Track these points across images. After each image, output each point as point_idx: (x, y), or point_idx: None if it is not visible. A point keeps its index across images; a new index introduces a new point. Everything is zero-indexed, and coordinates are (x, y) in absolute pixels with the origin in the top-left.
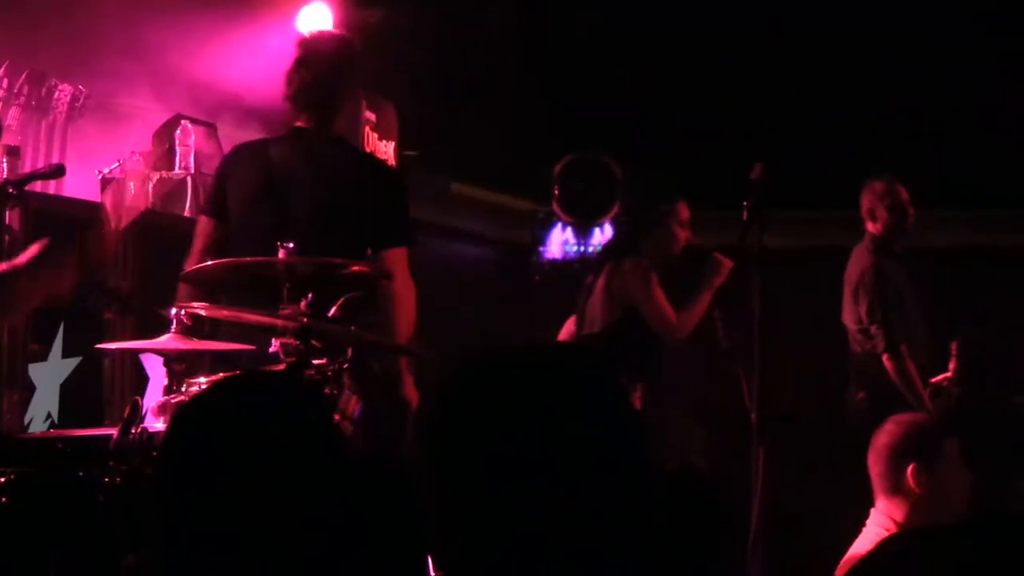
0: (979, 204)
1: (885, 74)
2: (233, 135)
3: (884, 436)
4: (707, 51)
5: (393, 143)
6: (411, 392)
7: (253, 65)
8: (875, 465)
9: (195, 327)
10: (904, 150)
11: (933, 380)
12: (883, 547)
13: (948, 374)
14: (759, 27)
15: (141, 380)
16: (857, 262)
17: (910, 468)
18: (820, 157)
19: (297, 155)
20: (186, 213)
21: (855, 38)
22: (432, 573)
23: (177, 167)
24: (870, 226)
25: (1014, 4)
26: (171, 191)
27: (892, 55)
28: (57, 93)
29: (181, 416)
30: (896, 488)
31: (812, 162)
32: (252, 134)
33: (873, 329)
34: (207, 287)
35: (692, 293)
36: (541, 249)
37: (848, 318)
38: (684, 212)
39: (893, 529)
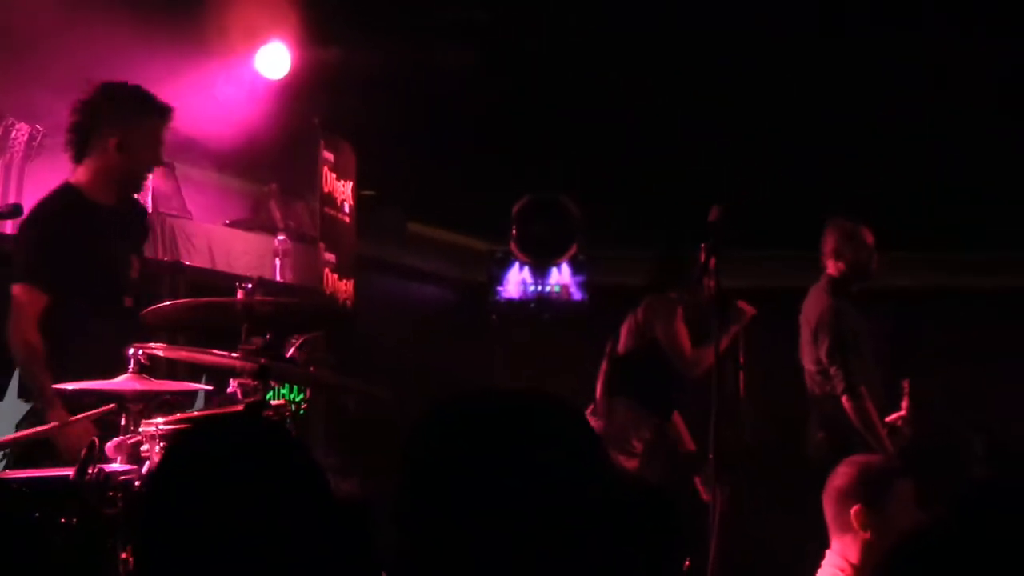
0: (931, 247)
1: (840, 119)
2: (190, 174)
3: (836, 478)
4: (665, 94)
5: (351, 183)
6: None
7: (212, 105)
8: (828, 506)
9: (151, 368)
10: (856, 193)
11: (887, 419)
12: None
13: (901, 413)
14: (717, 71)
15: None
16: (815, 303)
17: (854, 510)
18: (776, 199)
19: None
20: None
21: (813, 82)
22: None
23: None
24: (830, 266)
25: (968, 55)
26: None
27: (849, 100)
28: (14, 132)
29: (166, 461)
30: (847, 528)
31: (769, 204)
32: (209, 174)
33: (832, 370)
34: (166, 328)
35: (712, 335)
36: (498, 288)
37: (806, 359)
38: (713, 262)
39: (847, 569)
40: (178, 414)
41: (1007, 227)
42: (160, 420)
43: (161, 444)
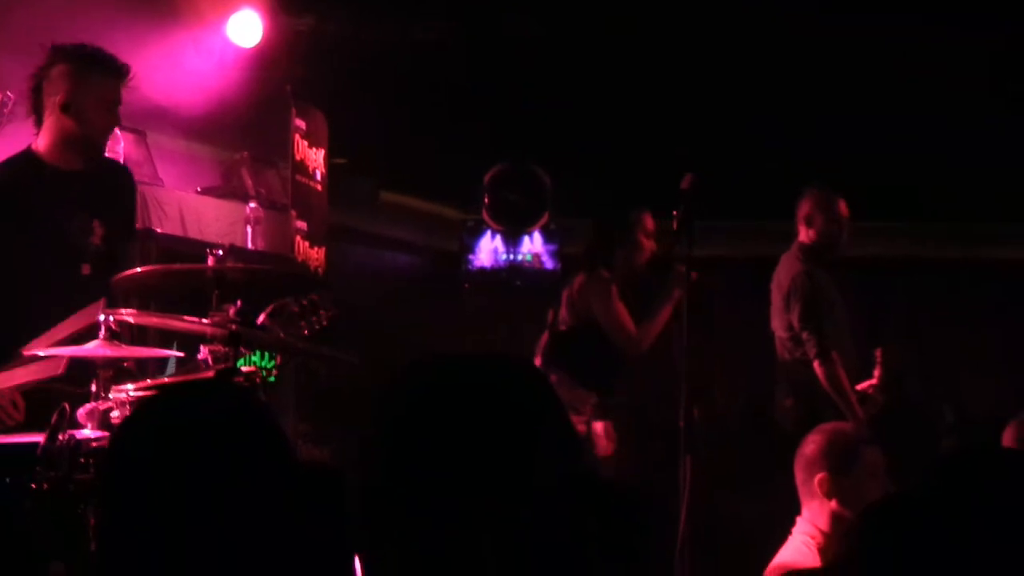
0: (903, 216)
1: (812, 88)
2: (161, 142)
3: (805, 445)
4: (639, 61)
5: (323, 151)
6: None
7: (183, 73)
8: (798, 474)
9: (122, 334)
10: (831, 162)
11: (858, 387)
12: None
13: (873, 381)
14: (692, 38)
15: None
16: (787, 269)
17: (819, 477)
18: (750, 169)
19: None
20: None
21: (789, 52)
22: None
23: None
24: (803, 233)
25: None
26: None
27: (822, 70)
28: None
29: (127, 425)
30: (815, 496)
31: (742, 173)
32: (181, 141)
33: (805, 335)
34: (137, 294)
35: (652, 305)
36: (470, 257)
37: (777, 324)
38: (650, 223)
39: (818, 536)
40: (148, 380)
41: (978, 198)
42: (131, 386)
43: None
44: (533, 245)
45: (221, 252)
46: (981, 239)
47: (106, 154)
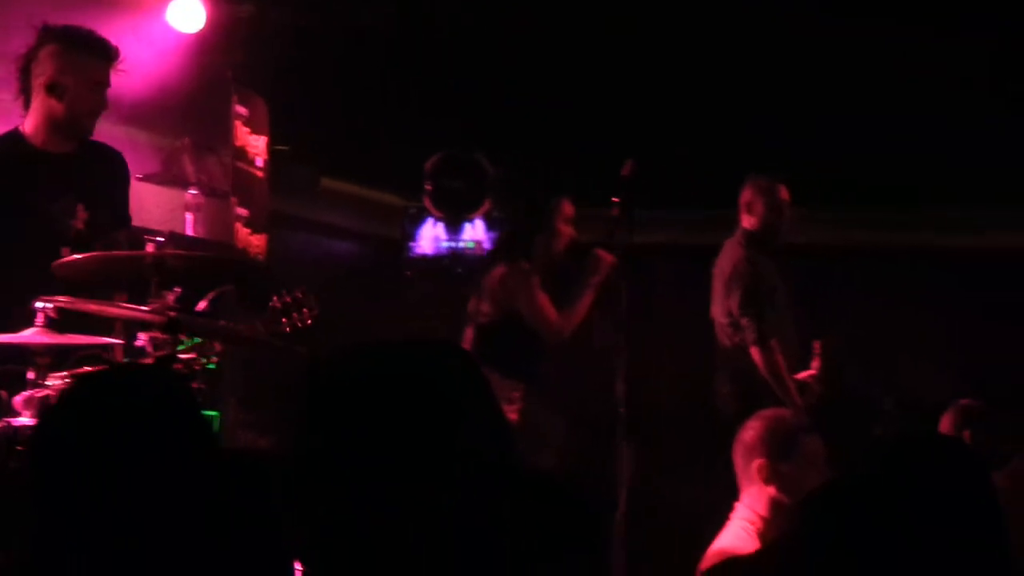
0: (845, 204)
1: (753, 75)
2: (101, 128)
3: (744, 431)
4: (580, 48)
5: (264, 138)
6: None
7: (123, 59)
8: (737, 460)
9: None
10: (773, 150)
11: (798, 377)
12: None
13: (812, 371)
14: (632, 25)
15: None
16: (729, 255)
17: (756, 464)
18: (690, 156)
19: None
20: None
21: (729, 38)
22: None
23: None
24: (745, 220)
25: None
26: None
27: (762, 57)
28: None
29: (51, 410)
30: (754, 482)
31: (683, 161)
32: (120, 128)
33: (744, 321)
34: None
35: (573, 291)
36: (411, 244)
37: (717, 311)
38: (568, 209)
39: (757, 522)
40: (86, 368)
41: (918, 184)
42: (68, 374)
43: None
44: (475, 232)
45: (161, 239)
46: (921, 226)
47: None
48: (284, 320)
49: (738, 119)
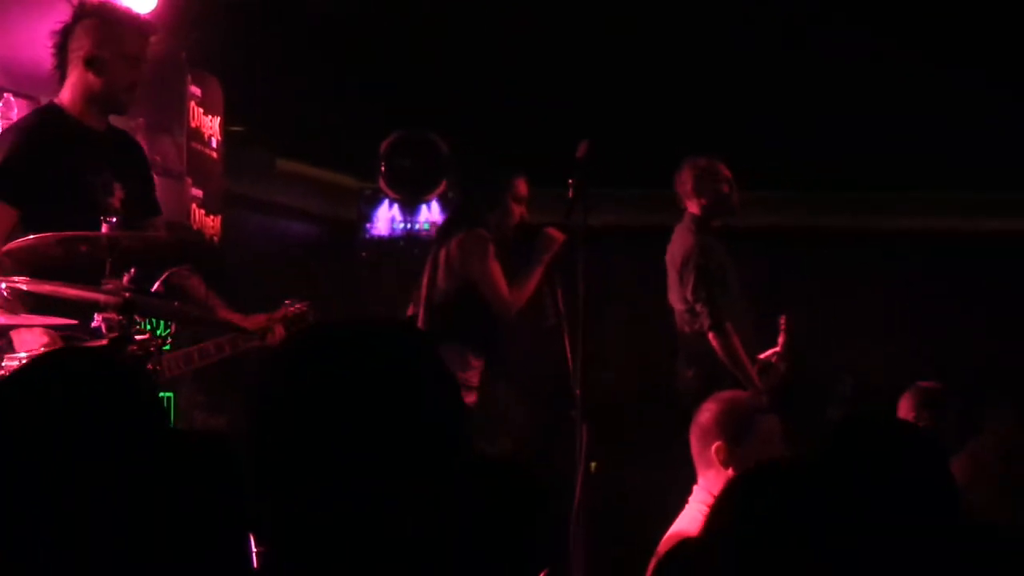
0: (798, 186)
1: (708, 53)
2: None
3: (701, 414)
4: (536, 28)
5: (219, 118)
6: None
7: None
8: (694, 443)
9: (15, 302)
10: (726, 131)
11: (761, 356)
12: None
13: (776, 349)
14: (588, 4)
15: None
16: (680, 242)
17: (714, 446)
18: (645, 136)
19: None
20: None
21: (683, 13)
22: (255, 548)
23: None
24: (691, 205)
25: None
26: None
27: (717, 35)
28: None
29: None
30: (711, 464)
31: (638, 141)
32: None
33: (698, 307)
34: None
35: (523, 268)
36: (367, 226)
37: (674, 298)
38: (522, 188)
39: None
40: (42, 349)
41: (873, 167)
42: (24, 355)
43: None
44: (431, 214)
45: (115, 219)
46: (876, 208)
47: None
48: (281, 328)
49: (694, 98)
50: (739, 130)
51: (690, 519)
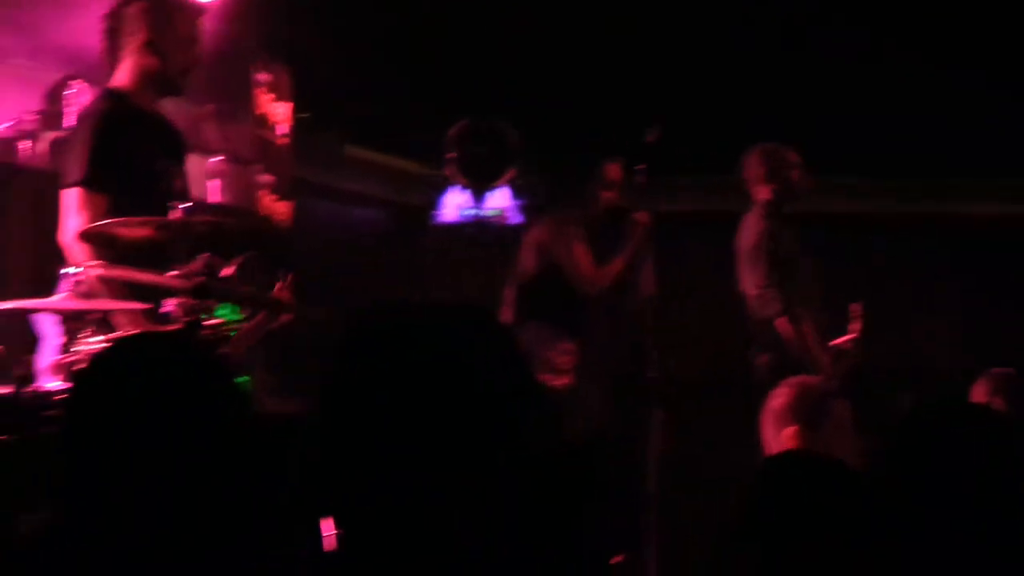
0: (867, 173)
1: (779, 40)
2: None
3: (773, 399)
4: (607, 11)
5: (287, 105)
6: None
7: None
8: (765, 428)
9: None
10: (796, 118)
11: (835, 342)
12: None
13: (850, 336)
14: None
15: (33, 340)
16: (750, 228)
17: (790, 431)
18: (716, 123)
19: None
20: None
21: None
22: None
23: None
24: (760, 191)
25: None
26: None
27: (785, 22)
28: None
29: (83, 375)
30: (783, 450)
31: (709, 127)
32: None
33: (769, 293)
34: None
35: (611, 252)
36: (436, 212)
37: (746, 284)
38: (613, 173)
39: None
40: (116, 333)
41: (940, 153)
42: (98, 339)
43: None
44: (500, 200)
45: (187, 205)
46: (949, 194)
47: (72, 108)
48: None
49: (765, 85)
50: (808, 117)
51: None
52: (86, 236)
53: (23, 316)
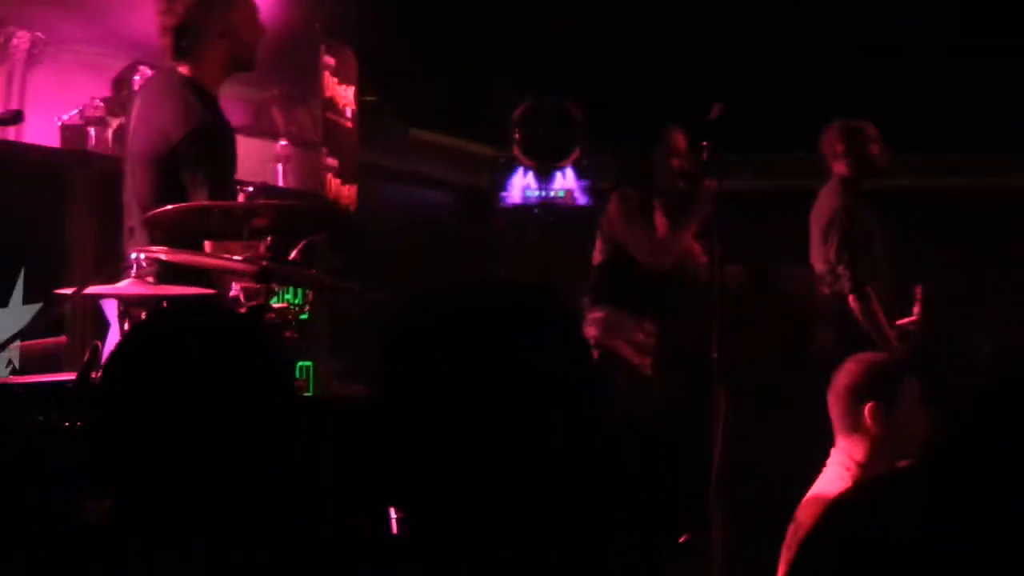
0: (942, 148)
1: (843, 16)
2: None
3: (843, 376)
4: None
5: (352, 88)
6: None
7: None
8: (834, 405)
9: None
10: (864, 94)
11: (899, 323)
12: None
13: (913, 318)
14: None
15: (102, 325)
16: (826, 203)
17: (868, 407)
18: (778, 100)
19: None
20: None
21: None
22: (393, 515)
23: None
24: (837, 167)
25: None
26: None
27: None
28: (15, 40)
29: (121, 346)
30: (855, 427)
31: (772, 105)
32: None
33: (840, 269)
34: (169, 232)
35: (679, 221)
36: (502, 194)
37: (816, 259)
38: (679, 141)
39: (853, 468)
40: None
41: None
42: None
43: None
44: (565, 181)
45: (251, 189)
46: (1018, 170)
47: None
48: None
49: (837, 61)
50: (886, 94)
51: (828, 481)
52: (153, 221)
53: (91, 302)
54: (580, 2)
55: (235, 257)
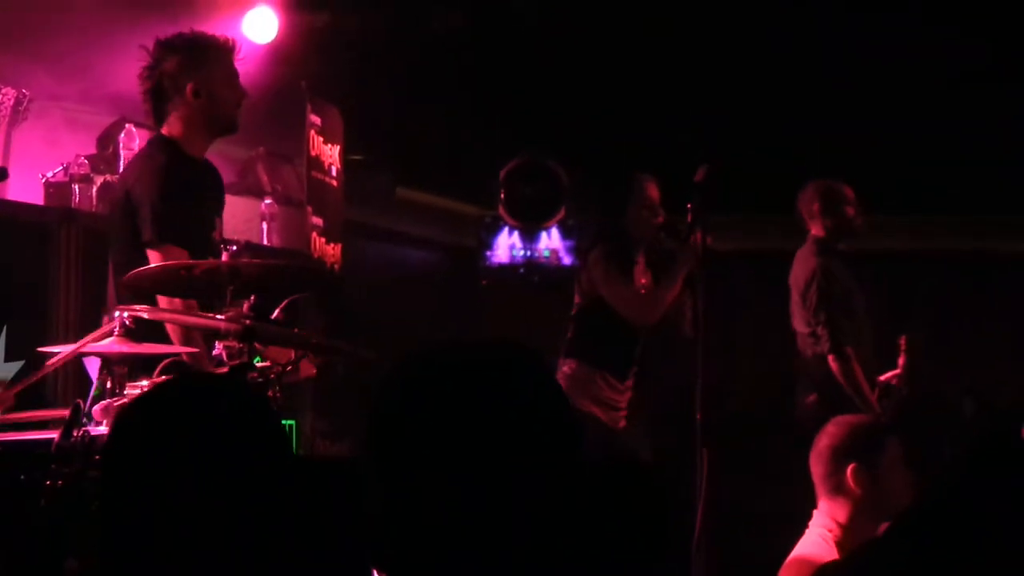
0: (921, 209)
1: (827, 80)
2: None
3: (826, 437)
4: (653, 56)
5: (339, 147)
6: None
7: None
8: (817, 466)
9: (136, 330)
10: (844, 157)
11: (882, 378)
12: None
13: (897, 371)
14: (704, 32)
15: (84, 383)
16: (803, 264)
17: (850, 468)
18: (762, 162)
19: None
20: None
21: (800, 44)
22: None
23: (121, 170)
24: (814, 228)
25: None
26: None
27: (835, 63)
28: (1, 97)
29: (124, 416)
30: (837, 489)
31: (755, 166)
32: None
33: (820, 330)
34: (149, 291)
35: (664, 277)
36: (487, 253)
37: (797, 321)
38: (651, 191)
39: (835, 530)
40: (164, 377)
41: (997, 190)
42: (146, 383)
43: None
44: (551, 241)
45: (235, 247)
46: (999, 231)
47: (122, 150)
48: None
49: (815, 125)
50: (861, 155)
51: (811, 544)
52: (132, 282)
53: (74, 360)
54: (568, 64)
55: (218, 316)
